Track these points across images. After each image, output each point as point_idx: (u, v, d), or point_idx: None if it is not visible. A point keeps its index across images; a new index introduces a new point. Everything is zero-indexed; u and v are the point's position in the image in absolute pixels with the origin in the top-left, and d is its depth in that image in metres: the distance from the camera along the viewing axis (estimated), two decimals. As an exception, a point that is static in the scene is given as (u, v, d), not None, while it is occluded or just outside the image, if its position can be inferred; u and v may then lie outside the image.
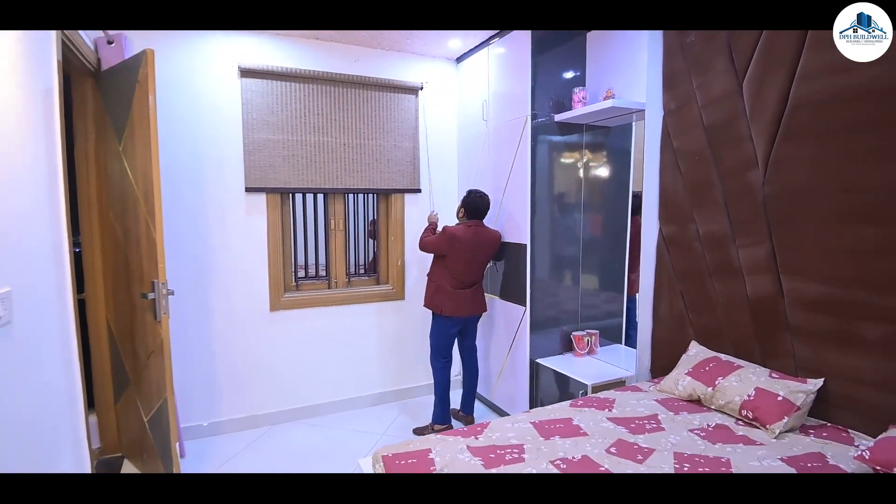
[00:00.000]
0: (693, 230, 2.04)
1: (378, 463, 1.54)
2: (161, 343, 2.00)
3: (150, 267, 2.00)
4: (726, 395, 1.72)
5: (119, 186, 2.15)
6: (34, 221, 1.41)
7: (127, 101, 2.02)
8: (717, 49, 1.90)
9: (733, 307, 1.91)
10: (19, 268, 1.29)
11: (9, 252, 1.24)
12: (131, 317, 2.19)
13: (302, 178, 2.82)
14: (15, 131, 1.30)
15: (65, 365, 1.59)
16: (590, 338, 2.64)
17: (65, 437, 1.56)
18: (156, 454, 2.15)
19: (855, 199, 1.53)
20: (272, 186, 2.75)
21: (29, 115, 1.39)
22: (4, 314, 1.16)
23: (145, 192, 1.98)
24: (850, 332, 1.56)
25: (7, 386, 1.19)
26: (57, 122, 1.61)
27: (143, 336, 2.12)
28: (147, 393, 2.16)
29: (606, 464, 1.43)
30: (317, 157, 2.85)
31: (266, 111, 2.72)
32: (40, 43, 1.51)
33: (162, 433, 2.08)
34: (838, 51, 1.52)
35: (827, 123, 1.58)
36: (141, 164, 1.98)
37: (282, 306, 2.86)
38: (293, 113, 2.78)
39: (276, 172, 2.75)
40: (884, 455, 1.28)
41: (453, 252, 2.56)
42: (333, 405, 3.03)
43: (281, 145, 2.75)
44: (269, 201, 2.78)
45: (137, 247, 2.08)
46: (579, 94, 2.49)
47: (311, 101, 2.82)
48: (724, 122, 1.89)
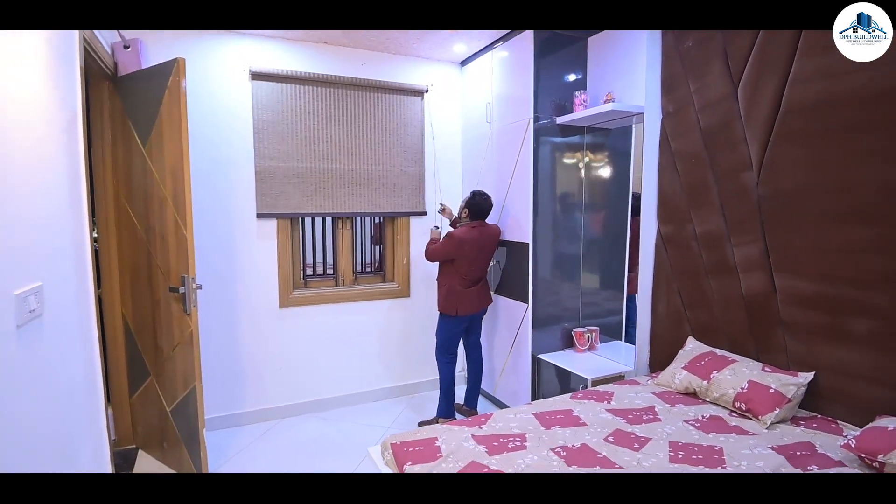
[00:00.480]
0: (690, 230, 2.11)
1: (387, 450, 1.62)
2: (191, 334, 2.14)
3: (180, 263, 2.12)
4: (721, 388, 1.79)
5: (141, 186, 2.25)
6: (61, 219, 1.48)
7: (153, 105, 2.12)
8: (714, 54, 1.97)
9: (729, 304, 1.98)
10: (49, 263, 1.36)
11: (41, 248, 1.30)
12: (153, 311, 2.30)
13: (312, 203, 2.91)
14: (47, 133, 1.38)
15: (86, 358, 1.66)
16: (590, 334, 2.71)
17: (86, 428, 1.62)
18: (179, 442, 2.27)
19: (844, 200, 1.59)
20: (282, 212, 2.85)
21: (56, 117, 1.46)
22: (37, 307, 1.23)
23: (174, 193, 2.10)
24: (839, 327, 1.63)
25: (40, 376, 1.25)
26: (80, 125, 1.69)
27: (167, 329, 2.24)
28: (170, 383, 2.27)
29: (604, 451, 1.50)
30: (325, 183, 2.94)
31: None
32: (66, 48, 1.58)
33: (188, 421, 2.21)
34: (829, 57, 1.59)
35: (818, 127, 1.65)
36: (170, 166, 2.10)
37: (291, 303, 2.95)
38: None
39: (287, 199, 2.85)
40: (869, 443, 1.35)
41: (461, 254, 2.63)
42: (341, 399, 3.12)
43: (291, 172, 2.84)
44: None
45: (163, 243, 2.18)
46: (580, 98, 2.56)
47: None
48: (720, 125, 1.96)
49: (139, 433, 2.52)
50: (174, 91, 2.06)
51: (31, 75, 1.28)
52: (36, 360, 1.23)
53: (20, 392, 1.11)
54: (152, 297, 2.29)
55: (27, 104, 1.24)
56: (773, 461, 1.41)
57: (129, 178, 2.32)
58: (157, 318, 2.29)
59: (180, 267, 2.12)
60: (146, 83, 2.17)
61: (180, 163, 2.07)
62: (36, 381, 1.22)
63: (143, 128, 2.20)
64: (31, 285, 1.19)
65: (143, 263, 2.31)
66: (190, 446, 2.23)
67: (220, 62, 2.68)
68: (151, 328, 2.32)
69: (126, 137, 2.29)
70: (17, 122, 1.17)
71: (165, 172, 2.13)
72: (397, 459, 1.53)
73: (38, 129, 1.32)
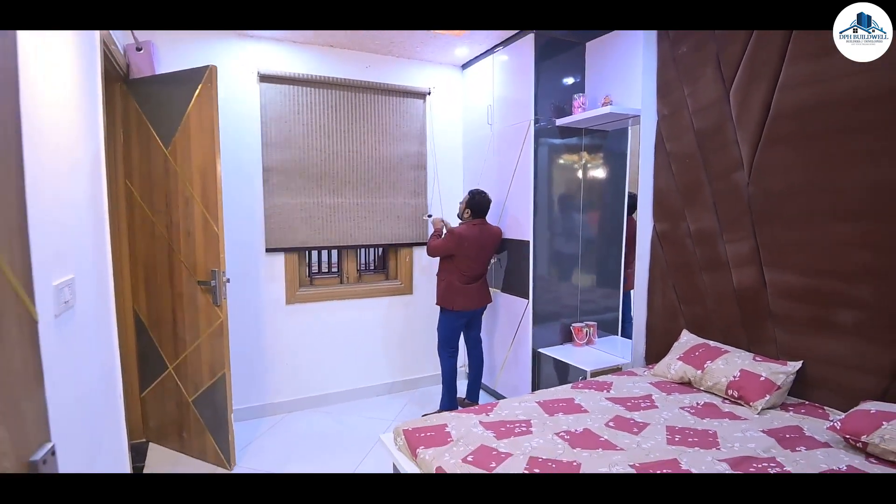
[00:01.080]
0: (684, 227, 2.20)
1: (399, 436, 1.68)
2: (221, 324, 2.28)
3: (209, 258, 2.26)
4: (714, 377, 1.88)
5: (163, 185, 2.34)
6: (86, 214, 1.52)
7: (179, 108, 2.24)
8: (707, 60, 2.07)
9: (721, 298, 2.07)
10: (79, 256, 1.40)
11: (72, 240, 1.35)
12: (172, 305, 2.39)
13: (318, 237, 3.01)
14: (73, 129, 1.41)
15: (106, 351, 1.70)
16: (588, 329, 2.80)
17: (107, 420, 1.65)
18: (203, 430, 2.39)
19: (830, 198, 1.69)
20: (290, 247, 2.95)
21: (80, 114, 1.50)
22: (70, 298, 1.27)
23: (204, 192, 2.23)
24: (826, 318, 1.73)
25: (74, 367, 1.28)
26: (101, 122, 1.72)
27: (192, 321, 2.34)
28: (194, 374, 2.38)
29: (606, 435, 1.58)
30: (331, 217, 3.04)
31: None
32: (89, 50, 1.63)
33: (215, 408, 2.34)
34: (816, 63, 1.69)
35: (805, 129, 1.75)
36: (199, 167, 2.23)
37: (297, 300, 3.01)
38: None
39: (294, 233, 2.95)
40: (853, 426, 1.45)
41: (462, 251, 2.71)
42: (345, 394, 3.18)
43: (298, 207, 2.94)
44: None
45: (188, 239, 2.29)
46: (579, 100, 2.66)
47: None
48: (713, 128, 2.06)
49: (151, 427, 2.57)
50: (205, 96, 2.19)
51: (61, 77, 1.32)
52: (70, 352, 1.27)
53: (59, 383, 1.14)
54: (173, 292, 2.38)
55: (57, 107, 1.28)
56: (764, 443, 1.50)
57: (147, 176, 2.38)
58: (178, 311, 2.38)
59: (209, 262, 2.26)
60: (169, 87, 2.28)
61: (212, 164, 2.21)
62: (70, 372, 1.25)
63: (165, 130, 2.30)
64: (65, 277, 1.22)
65: (163, 259, 2.39)
66: (216, 433, 2.36)
67: (230, 64, 2.73)
68: (170, 322, 2.41)
69: (144, 138, 2.36)
70: (50, 123, 1.21)
71: (192, 172, 2.25)
72: (410, 444, 1.60)
73: (66, 128, 1.35)
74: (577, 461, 1.41)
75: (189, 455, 2.46)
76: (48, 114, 1.19)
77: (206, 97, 2.19)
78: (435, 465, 1.45)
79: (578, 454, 1.46)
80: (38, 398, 0.80)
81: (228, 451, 2.34)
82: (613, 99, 2.56)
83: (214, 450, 2.37)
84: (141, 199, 2.40)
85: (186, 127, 2.24)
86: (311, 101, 2.93)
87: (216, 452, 2.37)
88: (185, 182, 2.27)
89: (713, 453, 1.44)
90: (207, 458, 2.41)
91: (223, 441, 2.34)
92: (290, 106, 2.89)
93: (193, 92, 2.21)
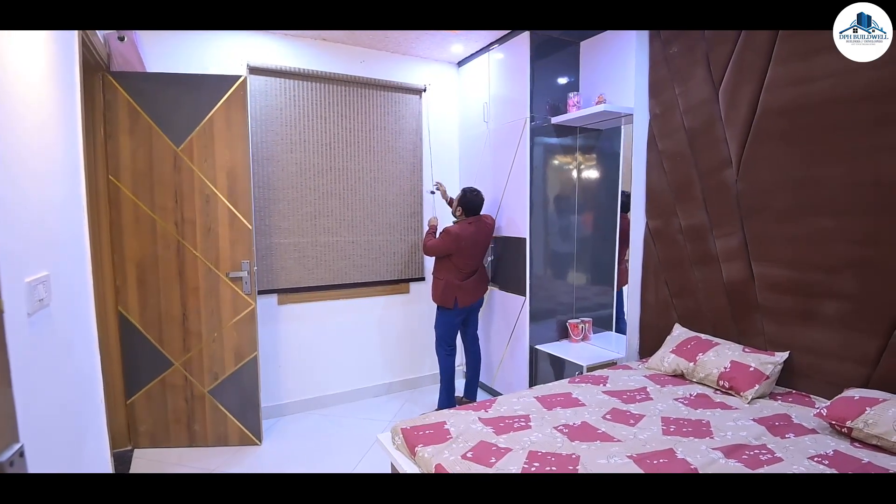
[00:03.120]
0: (676, 224, 2.26)
1: (397, 435, 1.70)
2: (252, 310, 2.54)
3: (239, 251, 2.50)
4: (706, 369, 1.94)
5: (171, 182, 2.41)
6: (61, 211, 1.43)
7: (198, 111, 2.41)
8: (697, 60, 2.12)
9: (711, 292, 2.14)
10: (55, 255, 1.33)
11: (47, 238, 1.28)
12: (183, 301, 2.48)
13: (312, 276, 3.03)
14: (48, 122, 1.35)
15: (86, 353, 1.62)
16: (584, 325, 2.86)
17: (88, 425, 1.57)
18: (223, 416, 2.57)
19: (813, 194, 1.76)
20: (283, 287, 2.95)
21: (56, 105, 1.43)
22: (45, 297, 1.20)
23: (230, 190, 2.46)
24: (810, 309, 1.80)
25: (49, 368, 1.22)
26: (79, 118, 1.66)
27: (213, 313, 2.51)
28: (214, 363, 2.54)
29: (603, 427, 1.63)
30: (326, 255, 3.06)
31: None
32: (66, 41, 1.54)
33: (243, 390, 2.57)
34: (799, 65, 1.75)
35: (790, 128, 1.81)
36: (226, 167, 2.44)
37: (289, 300, 3.00)
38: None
39: (287, 274, 2.96)
40: (838, 412, 1.52)
41: (459, 250, 2.75)
42: (341, 396, 3.17)
43: (292, 247, 2.95)
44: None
45: (209, 235, 2.46)
46: (574, 99, 2.70)
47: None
48: (703, 127, 2.11)
49: (142, 432, 2.52)
50: (236, 105, 2.44)
51: (36, 69, 1.25)
52: (46, 353, 1.21)
53: (33, 384, 1.08)
54: (186, 287, 2.47)
55: (29, 97, 1.21)
56: (755, 431, 1.56)
57: (145, 173, 2.38)
58: (191, 306, 2.49)
59: (238, 254, 2.50)
60: (183, 88, 2.39)
61: (243, 165, 2.46)
62: (46, 373, 1.20)
63: (177, 129, 2.40)
64: (39, 274, 1.17)
65: (169, 256, 2.44)
66: (243, 415, 2.58)
67: (216, 55, 2.69)
68: (178, 318, 2.48)
69: (142, 134, 2.36)
70: (24, 114, 1.15)
71: (216, 172, 2.44)
72: (408, 443, 1.61)
73: (43, 119, 1.29)
74: (575, 454, 1.46)
75: (202, 446, 2.58)
76: (18, 105, 1.11)
77: (238, 105, 2.44)
78: (434, 463, 1.46)
79: (577, 447, 1.50)
80: (4, 397, 0.78)
81: (258, 429, 2.62)
82: (607, 98, 2.61)
83: (239, 432, 2.60)
84: (135, 196, 2.39)
85: (208, 129, 2.41)
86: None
87: (241, 434, 2.60)
88: (206, 181, 2.43)
89: (707, 442, 1.50)
90: (230, 441, 2.60)
91: (252, 420, 2.60)
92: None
93: (220, 97, 2.41)
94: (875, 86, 1.57)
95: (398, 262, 3.34)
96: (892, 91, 1.53)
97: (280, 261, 2.94)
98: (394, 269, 3.31)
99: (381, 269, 3.25)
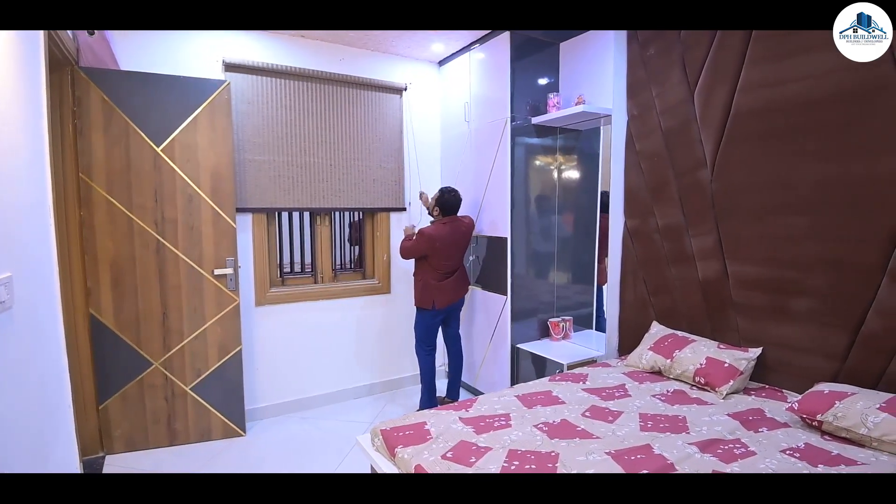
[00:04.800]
0: (653, 223, 2.29)
1: (377, 437, 1.68)
2: (237, 306, 2.61)
3: (222, 249, 2.55)
4: (682, 365, 1.97)
5: (151, 181, 2.40)
6: (27, 210, 1.40)
7: (181, 111, 2.41)
8: (673, 62, 2.16)
9: (687, 289, 2.17)
10: (18, 255, 1.29)
11: (9, 239, 1.24)
12: (163, 299, 2.47)
13: (288, 198, 2.93)
14: (12, 122, 1.31)
15: (53, 357, 1.57)
16: (565, 324, 2.88)
17: (55, 431, 1.53)
18: (207, 412, 2.59)
19: (784, 194, 1.80)
20: (259, 207, 2.85)
21: (21, 106, 1.39)
22: (7, 298, 1.17)
23: (214, 190, 2.50)
24: (782, 306, 1.84)
25: (10, 372, 1.18)
26: (45, 114, 1.60)
27: (196, 310, 2.53)
28: (196, 360, 2.56)
29: (583, 425, 1.64)
30: (303, 177, 2.96)
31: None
32: (29, 35, 1.49)
33: (227, 383, 2.62)
34: (771, 67, 1.79)
35: (762, 129, 1.85)
36: (210, 168, 2.48)
37: (268, 301, 2.93)
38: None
39: (262, 193, 2.85)
40: (809, 406, 1.55)
41: (434, 251, 2.73)
42: (321, 398, 3.12)
43: (267, 165, 2.84)
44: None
45: (192, 234, 2.48)
46: (554, 99, 2.72)
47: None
48: (679, 127, 2.15)
49: (117, 436, 2.45)
50: (220, 108, 2.48)
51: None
52: (7, 357, 1.17)
53: None
54: (166, 285, 2.47)
55: None
56: (729, 425, 1.59)
57: (122, 172, 2.33)
58: (172, 304, 2.48)
59: (223, 252, 2.55)
60: (164, 88, 2.38)
61: (227, 167, 2.52)
62: (5, 378, 1.15)
63: (157, 129, 2.39)
64: (0, 276, 1.13)
65: (147, 255, 2.42)
66: (227, 408, 2.63)
67: (192, 51, 2.62)
68: (158, 317, 2.47)
69: (118, 132, 2.32)
70: None
71: (199, 172, 2.47)
72: (388, 444, 1.59)
73: (3, 115, 1.25)
74: (555, 451, 1.46)
75: (184, 444, 2.57)
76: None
77: (222, 108, 2.48)
78: (414, 464, 1.44)
79: (556, 444, 1.51)
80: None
81: (242, 420, 2.68)
82: (586, 99, 2.63)
83: (223, 425, 2.64)
84: (109, 195, 2.32)
85: (192, 131, 2.44)
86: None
87: (225, 427, 2.64)
88: (188, 181, 2.45)
89: (683, 437, 1.52)
90: (213, 436, 2.62)
91: (237, 412, 2.66)
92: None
93: (203, 99, 2.45)
94: (844, 88, 1.62)
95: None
96: (861, 93, 1.58)
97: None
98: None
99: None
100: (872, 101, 1.56)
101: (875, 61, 1.51)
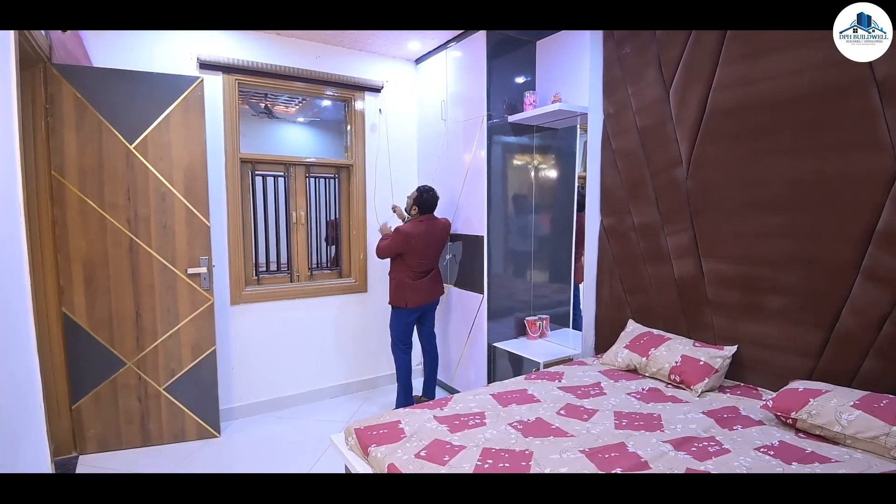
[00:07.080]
0: (629, 221, 2.29)
1: (351, 436, 1.63)
2: (211, 305, 2.54)
3: (196, 247, 2.47)
4: (658, 363, 1.96)
5: (123, 178, 2.33)
6: None
7: (152, 108, 2.35)
8: (649, 61, 2.16)
9: (663, 287, 2.17)
10: None
11: None
12: (136, 299, 2.40)
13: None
14: None
15: (23, 357, 1.54)
16: (541, 322, 2.86)
17: (22, 433, 1.49)
18: (180, 412, 2.53)
19: (758, 192, 1.81)
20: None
21: None
22: None
23: (187, 188, 2.43)
24: (757, 304, 1.85)
25: None
26: (15, 112, 1.56)
27: (169, 309, 2.46)
28: (170, 360, 2.49)
29: (557, 423, 1.60)
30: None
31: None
32: (1, 37, 1.46)
33: (200, 384, 2.55)
34: (745, 66, 1.81)
35: (736, 128, 1.86)
36: (184, 165, 2.41)
37: (243, 300, 2.86)
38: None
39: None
40: (783, 404, 1.55)
41: (409, 248, 2.69)
42: (297, 398, 3.06)
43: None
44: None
45: (165, 232, 2.41)
46: (530, 98, 2.71)
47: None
48: (655, 126, 2.15)
49: (90, 437, 2.39)
50: (194, 105, 2.40)
51: None
52: None
53: None
54: (140, 284, 2.40)
55: None
56: (704, 423, 1.57)
57: (95, 170, 2.28)
58: (145, 304, 2.42)
59: (196, 251, 2.47)
60: (137, 85, 2.31)
61: (200, 164, 2.44)
62: None
63: (130, 127, 2.32)
64: None
65: (120, 253, 2.35)
66: (200, 409, 2.56)
67: (165, 48, 2.56)
68: (132, 317, 2.40)
69: (91, 130, 2.26)
70: None
71: (173, 170, 2.40)
72: (362, 443, 1.55)
73: None
74: (529, 450, 1.42)
75: (158, 444, 2.50)
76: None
77: (196, 105, 2.40)
78: (387, 463, 1.41)
79: (531, 443, 1.47)
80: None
81: (216, 421, 2.61)
82: (562, 97, 2.62)
83: (197, 426, 2.56)
84: (82, 193, 2.26)
85: (165, 128, 2.37)
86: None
87: (199, 428, 2.57)
88: (162, 179, 2.39)
89: (657, 435, 1.49)
90: (187, 437, 2.55)
91: (211, 413, 2.59)
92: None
93: (176, 96, 2.37)
94: (818, 86, 1.63)
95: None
96: (834, 91, 1.59)
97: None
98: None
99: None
100: (846, 100, 1.57)
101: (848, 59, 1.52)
